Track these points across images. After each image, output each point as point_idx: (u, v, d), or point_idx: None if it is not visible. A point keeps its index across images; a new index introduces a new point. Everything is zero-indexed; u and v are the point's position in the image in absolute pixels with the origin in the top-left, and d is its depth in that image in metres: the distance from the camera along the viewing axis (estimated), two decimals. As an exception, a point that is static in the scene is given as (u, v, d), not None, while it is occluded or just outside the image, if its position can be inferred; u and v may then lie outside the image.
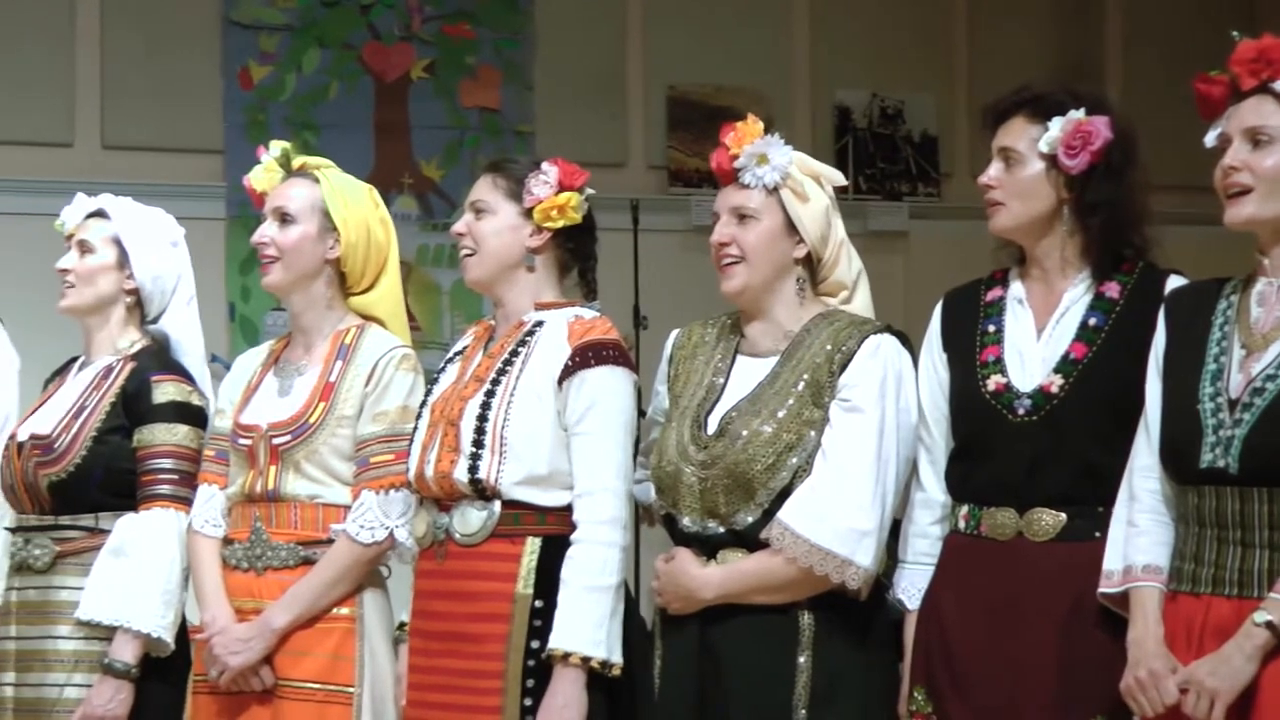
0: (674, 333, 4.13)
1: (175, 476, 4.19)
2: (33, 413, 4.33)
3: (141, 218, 4.42)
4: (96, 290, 4.33)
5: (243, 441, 4.15)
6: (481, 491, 3.93)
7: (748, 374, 3.94)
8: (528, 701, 3.88)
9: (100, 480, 4.18)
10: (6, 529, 4.31)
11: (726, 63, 8.70)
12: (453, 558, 3.96)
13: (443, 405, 4.03)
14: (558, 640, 3.85)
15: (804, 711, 3.78)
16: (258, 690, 4.04)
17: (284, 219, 4.18)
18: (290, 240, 4.17)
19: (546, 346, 4.01)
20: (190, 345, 4.39)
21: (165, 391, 4.23)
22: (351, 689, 4.02)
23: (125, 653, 4.09)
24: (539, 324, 4.06)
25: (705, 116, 8.39)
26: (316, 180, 4.22)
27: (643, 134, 8.71)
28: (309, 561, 4.07)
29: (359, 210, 4.22)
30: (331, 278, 4.22)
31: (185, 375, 4.28)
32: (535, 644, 3.89)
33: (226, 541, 4.16)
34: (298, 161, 4.27)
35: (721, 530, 3.85)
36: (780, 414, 3.84)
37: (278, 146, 4.31)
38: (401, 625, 4.15)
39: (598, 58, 8.66)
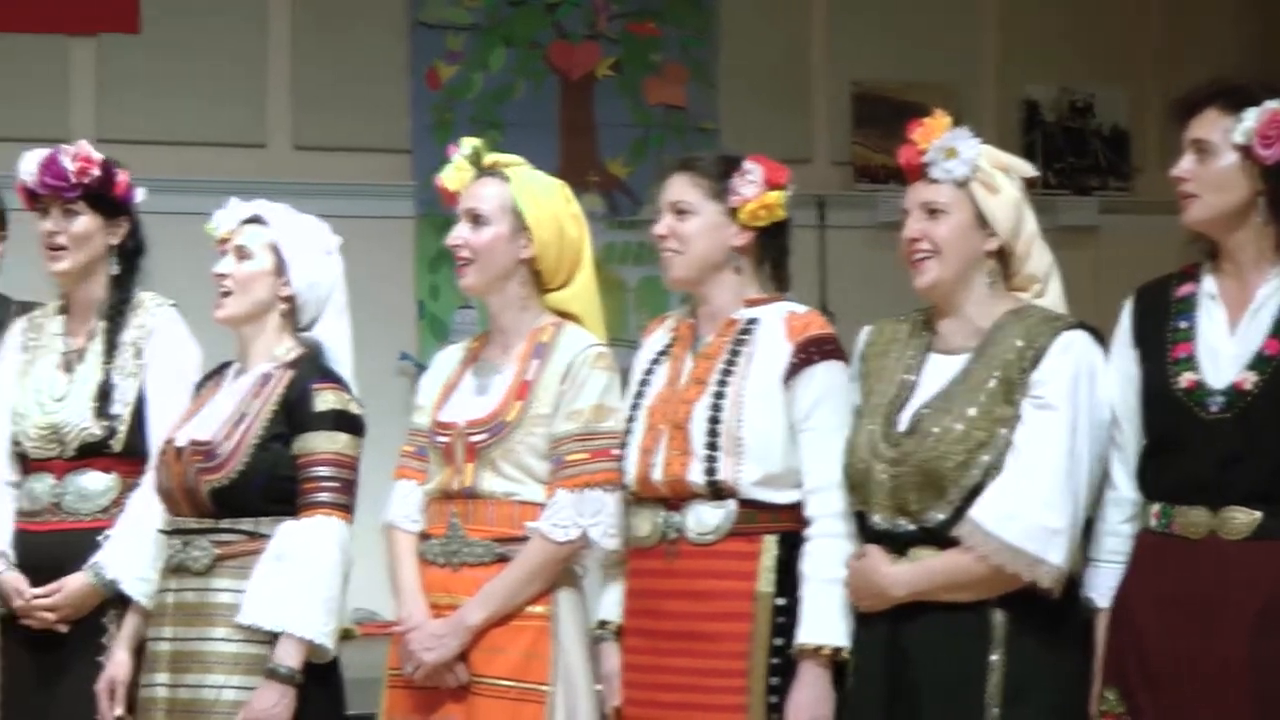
0: (865, 330, 4.11)
1: (336, 484, 4.20)
2: (188, 418, 4.35)
3: (299, 225, 4.43)
4: (253, 297, 4.35)
5: (440, 439, 4.17)
6: (717, 491, 3.94)
7: (940, 371, 3.91)
8: (773, 699, 3.90)
9: (261, 487, 4.21)
10: (161, 531, 4.34)
11: (912, 57, 8.65)
12: (685, 557, 3.98)
13: (662, 408, 4.04)
14: (807, 635, 3.88)
15: (996, 710, 3.74)
16: (452, 686, 4.06)
17: (476, 220, 4.20)
18: (483, 242, 4.18)
19: (766, 344, 4.02)
20: (341, 354, 4.39)
21: (326, 400, 4.25)
22: (545, 687, 4.03)
23: (290, 658, 4.11)
24: (752, 321, 4.07)
25: (891, 112, 8.33)
26: (507, 179, 4.22)
27: (827, 130, 8.68)
28: (504, 559, 4.08)
29: (550, 208, 4.22)
30: (526, 277, 4.22)
31: (343, 384, 4.30)
32: (779, 641, 3.91)
33: (423, 537, 4.18)
34: (489, 159, 4.28)
35: (912, 528, 3.83)
36: (972, 411, 3.81)
37: (468, 144, 4.32)
38: (602, 624, 4.15)
39: (782, 54, 8.64)
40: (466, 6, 8.36)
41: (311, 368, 4.31)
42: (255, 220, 4.41)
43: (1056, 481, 3.76)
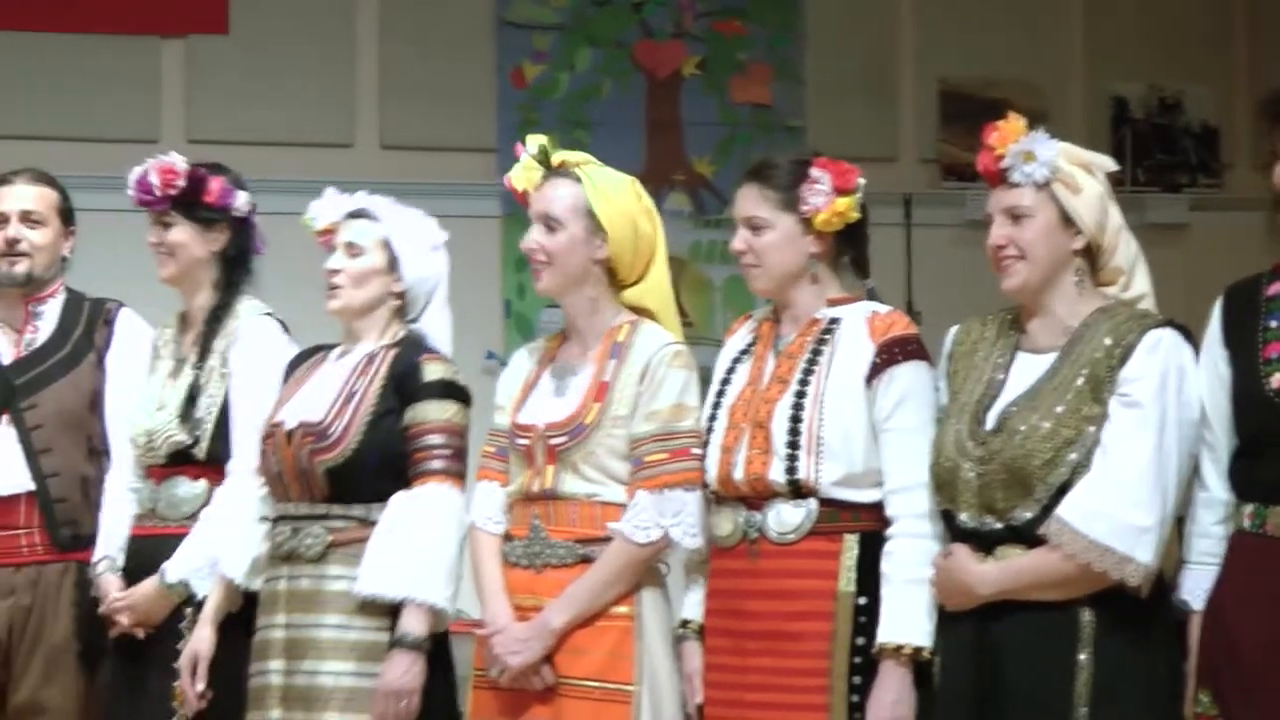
0: (952, 329, 4.09)
1: (449, 451, 4.21)
2: (286, 401, 4.36)
3: (410, 221, 4.44)
4: (366, 293, 4.37)
5: (520, 441, 4.17)
6: (798, 490, 3.94)
7: (1028, 370, 3.89)
8: (855, 698, 3.90)
9: (376, 465, 4.22)
10: (265, 519, 4.36)
11: (1000, 55, 8.61)
12: (767, 556, 3.97)
13: (744, 407, 4.04)
14: (888, 634, 3.87)
15: (1085, 709, 3.72)
16: (538, 689, 4.06)
17: (550, 223, 4.18)
18: (558, 245, 4.17)
19: (848, 344, 4.01)
20: (442, 347, 4.43)
21: (434, 370, 4.27)
22: (630, 687, 4.02)
23: (416, 626, 4.12)
24: (834, 321, 4.06)
25: (978, 109, 8.29)
26: (578, 179, 4.21)
27: (914, 128, 8.65)
28: (587, 559, 4.07)
29: (623, 205, 4.21)
30: (601, 276, 4.22)
31: (447, 357, 4.33)
32: (860, 641, 3.90)
33: (506, 538, 4.18)
34: (557, 158, 4.27)
35: (999, 526, 3.81)
36: (1059, 409, 3.79)
37: (535, 142, 4.30)
38: (684, 623, 4.15)
39: (869, 52, 8.62)
40: (552, 6, 8.38)
41: (416, 345, 4.34)
42: (362, 215, 4.42)
43: (1144, 479, 3.74)
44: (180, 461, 4.58)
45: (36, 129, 7.99)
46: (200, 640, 4.39)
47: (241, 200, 4.73)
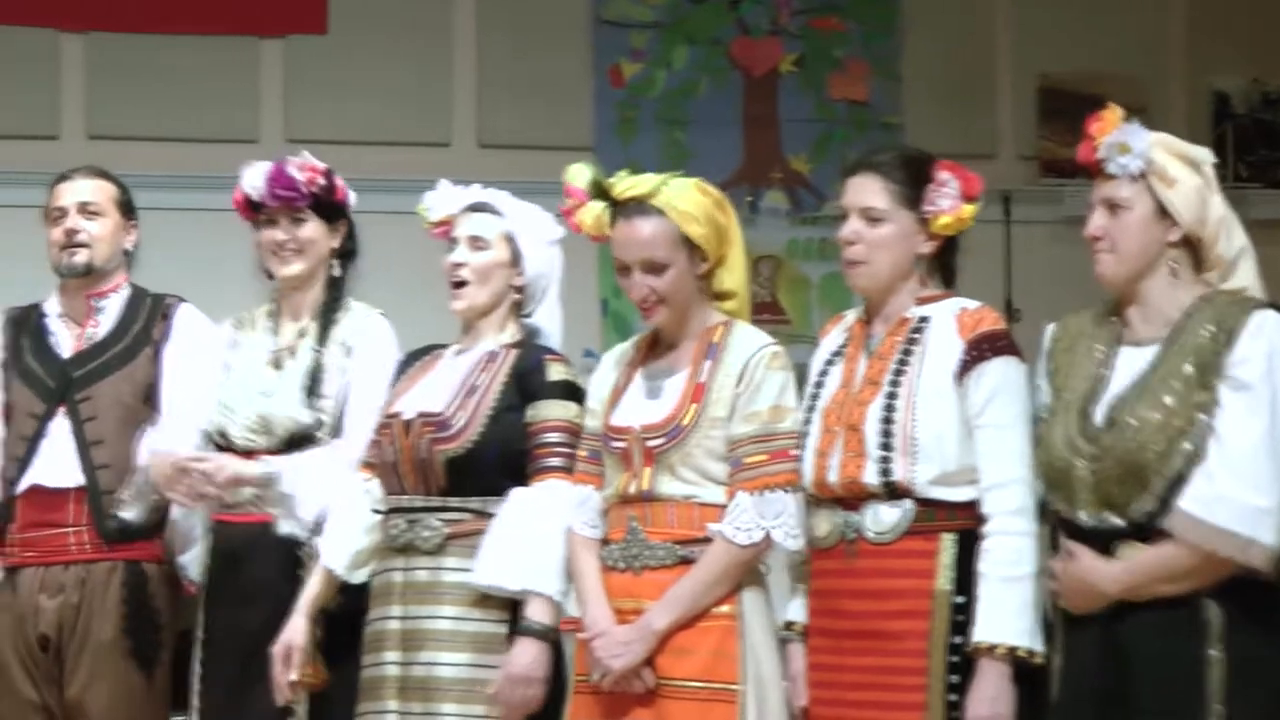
0: (1049, 327, 4.07)
1: (569, 450, 4.23)
2: (401, 395, 4.37)
3: (530, 215, 4.45)
4: (491, 288, 4.38)
5: (616, 444, 4.16)
6: (893, 492, 3.93)
7: (1132, 363, 3.87)
8: (952, 697, 3.88)
9: (496, 458, 4.22)
10: (376, 511, 4.37)
11: (1099, 49, 8.55)
12: (864, 556, 3.96)
13: (837, 410, 4.02)
14: (983, 633, 3.84)
15: (1219, 706, 3.68)
16: (639, 692, 4.05)
17: (654, 268, 4.14)
18: (669, 286, 4.11)
19: (938, 342, 3.99)
20: (553, 339, 4.45)
21: (557, 370, 4.29)
22: (735, 686, 4.01)
23: (542, 615, 4.14)
24: (923, 319, 4.04)
25: (1077, 105, 8.21)
26: (660, 211, 4.14)
27: (1012, 124, 8.61)
28: (687, 561, 4.06)
29: (705, 215, 4.14)
30: (698, 284, 4.20)
31: (568, 359, 4.35)
32: (958, 639, 3.89)
33: (603, 542, 4.18)
34: (620, 190, 4.19)
35: (1119, 523, 3.78)
36: (1169, 400, 3.76)
37: (581, 178, 4.21)
38: (788, 625, 4.14)
39: (967, 47, 8.59)
40: (650, 4, 8.39)
41: (536, 345, 4.37)
42: (484, 208, 4.44)
43: (1260, 461, 3.70)
44: (296, 446, 4.60)
45: (137, 130, 8.07)
46: (294, 630, 4.40)
47: (354, 200, 4.78)
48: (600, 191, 4.19)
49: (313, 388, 4.61)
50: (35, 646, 4.69)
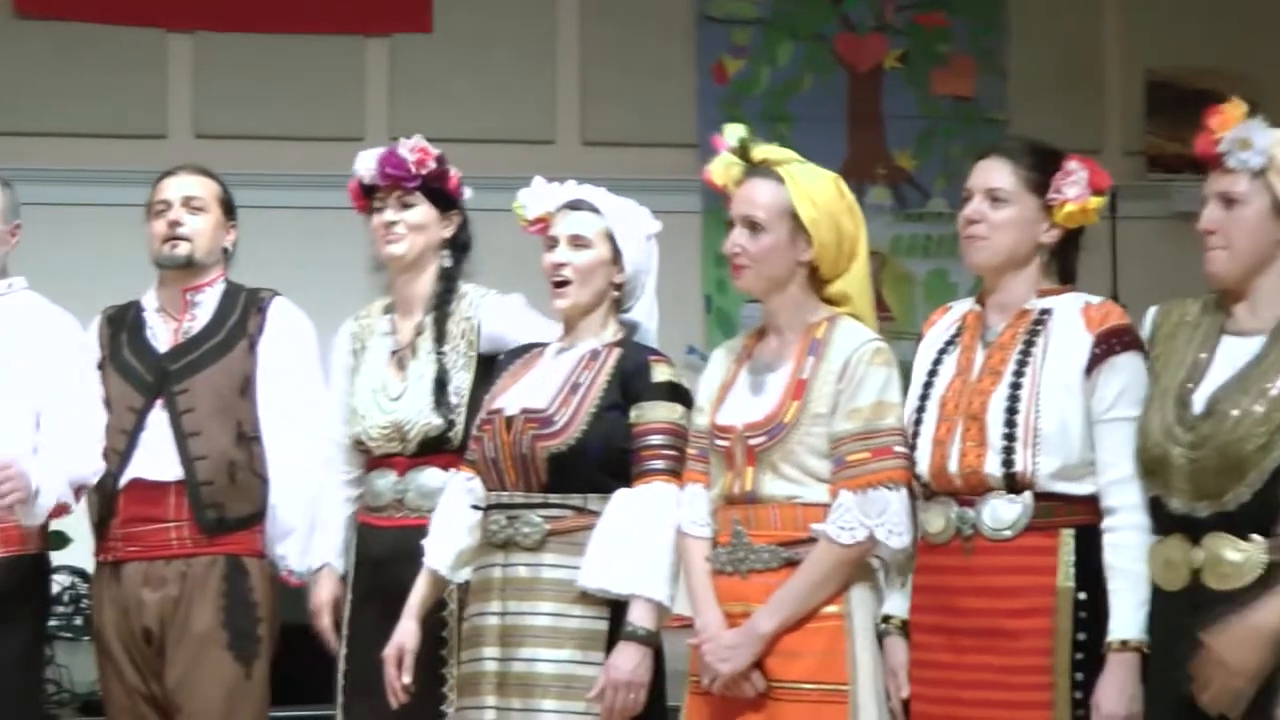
0: (1151, 311, 4.03)
1: (674, 452, 4.22)
2: (503, 392, 4.39)
3: (628, 211, 4.43)
4: (594, 286, 4.34)
5: (720, 442, 4.15)
6: (1013, 485, 3.91)
7: (1235, 353, 3.83)
8: (1078, 695, 3.85)
9: (599, 455, 4.21)
10: (475, 507, 4.38)
11: (1208, 44, 8.48)
12: (981, 553, 3.93)
13: (955, 399, 3.99)
14: (1117, 629, 3.82)
15: None
16: (749, 696, 4.05)
17: (753, 226, 4.15)
18: (761, 249, 4.13)
19: (1063, 335, 3.96)
20: (650, 336, 4.44)
21: (662, 372, 4.27)
22: (845, 687, 3.98)
23: (646, 619, 4.12)
24: (1045, 312, 4.02)
25: (1186, 100, 8.18)
26: (781, 180, 4.16)
27: (1120, 119, 8.55)
28: (792, 562, 4.04)
29: (827, 206, 4.15)
30: (804, 277, 4.18)
31: (671, 360, 4.35)
32: (1082, 636, 3.86)
33: (712, 544, 4.17)
34: (758, 153, 4.22)
35: (1211, 513, 3.76)
36: (1272, 392, 3.73)
37: (733, 134, 4.23)
38: (886, 619, 4.12)
39: (1073, 42, 8.53)
40: (753, 0, 8.38)
41: (639, 345, 4.36)
42: (582, 206, 4.45)
43: None
44: (431, 450, 4.64)
45: (244, 129, 8.14)
46: (405, 633, 4.41)
47: (469, 194, 4.81)
48: (743, 152, 4.20)
49: (440, 395, 4.65)
50: (139, 639, 4.74)
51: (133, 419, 4.78)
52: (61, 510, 4.75)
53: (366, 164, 4.74)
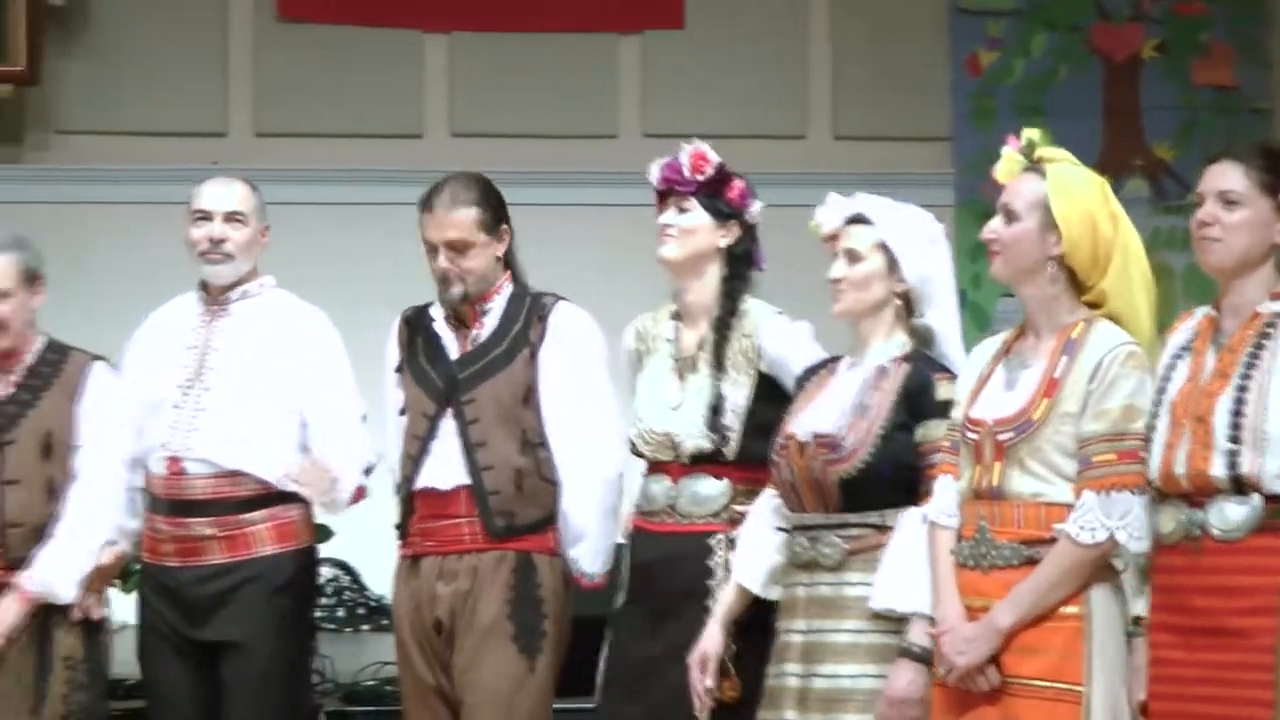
0: None
1: None
2: (800, 412, 4.43)
3: (903, 219, 4.49)
4: (869, 296, 4.43)
5: (970, 436, 4.16)
6: (1240, 486, 3.86)
7: None
8: None
9: (889, 476, 4.30)
10: (781, 529, 4.45)
11: None
12: (1209, 553, 3.90)
13: (1184, 402, 3.96)
14: None
15: None
16: (984, 689, 4.05)
17: (1009, 215, 4.17)
18: (1012, 235, 4.16)
19: (1294, 337, 3.92)
20: (951, 338, 4.47)
21: (945, 389, 4.32)
22: (1080, 688, 3.98)
23: (924, 638, 4.18)
24: (1278, 314, 3.96)
25: None
26: (1044, 175, 4.18)
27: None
28: (1032, 561, 4.05)
29: (1084, 205, 4.15)
30: (1058, 274, 4.17)
31: (955, 375, 4.36)
32: None
33: (957, 538, 4.18)
34: (1040, 153, 4.24)
35: None
36: None
37: (1026, 136, 4.28)
38: (1136, 620, 4.09)
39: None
40: (1007, -9, 8.32)
41: (926, 360, 4.41)
42: (859, 220, 4.49)
43: None
44: (704, 461, 4.72)
45: (499, 127, 8.24)
46: (710, 639, 4.55)
47: (756, 209, 4.85)
48: (1029, 150, 4.25)
49: (714, 418, 4.72)
50: (431, 631, 4.86)
51: (426, 425, 4.90)
52: (360, 494, 5.02)
53: (655, 167, 4.88)
